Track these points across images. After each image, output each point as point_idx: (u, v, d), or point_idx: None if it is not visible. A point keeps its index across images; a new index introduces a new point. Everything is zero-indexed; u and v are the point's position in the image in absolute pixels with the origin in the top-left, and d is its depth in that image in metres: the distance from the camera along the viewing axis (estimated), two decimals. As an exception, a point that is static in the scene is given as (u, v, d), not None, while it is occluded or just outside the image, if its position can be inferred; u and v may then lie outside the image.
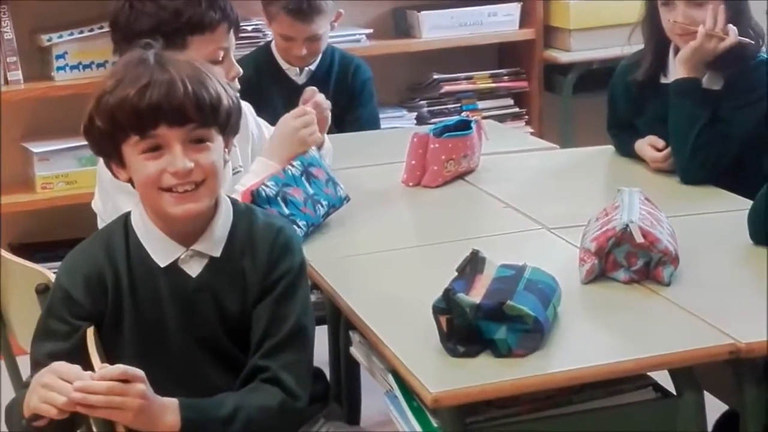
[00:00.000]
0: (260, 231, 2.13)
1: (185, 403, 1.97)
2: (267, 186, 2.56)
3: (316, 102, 2.81)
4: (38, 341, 2.07)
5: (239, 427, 1.99)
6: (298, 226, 2.52)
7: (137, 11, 2.58)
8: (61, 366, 1.90)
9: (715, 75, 2.95)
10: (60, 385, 1.86)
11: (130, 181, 2.07)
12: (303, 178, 2.65)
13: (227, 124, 2.07)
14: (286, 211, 2.54)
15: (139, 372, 1.89)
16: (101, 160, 2.55)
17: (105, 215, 2.53)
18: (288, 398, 2.05)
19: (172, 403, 1.96)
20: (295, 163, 2.66)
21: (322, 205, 2.65)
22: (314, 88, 2.88)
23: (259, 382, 2.05)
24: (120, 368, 1.87)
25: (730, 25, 2.87)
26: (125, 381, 1.87)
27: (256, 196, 2.51)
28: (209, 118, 2.02)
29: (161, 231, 2.09)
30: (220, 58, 2.63)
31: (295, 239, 2.17)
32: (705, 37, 2.86)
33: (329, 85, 3.76)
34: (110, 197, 2.52)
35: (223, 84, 2.08)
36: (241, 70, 2.71)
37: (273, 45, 3.79)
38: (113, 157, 2.07)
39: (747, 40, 2.89)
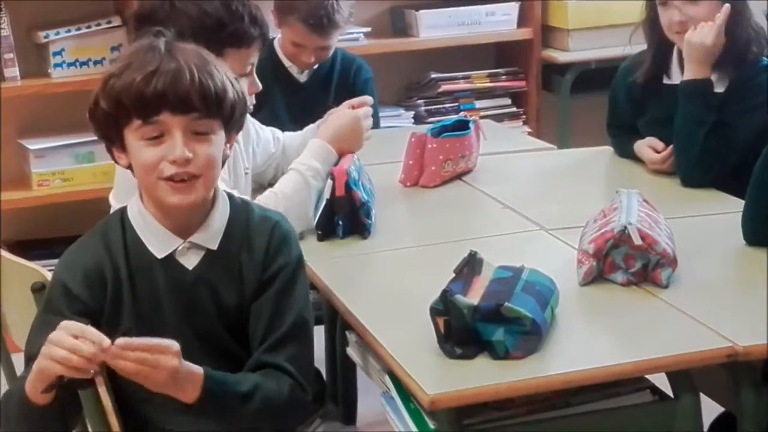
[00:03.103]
0: (256, 225, 2.13)
1: (209, 374, 1.97)
2: (352, 170, 2.60)
3: (366, 112, 2.85)
4: (35, 336, 2.05)
5: (256, 406, 2.00)
6: (368, 218, 2.58)
7: (179, 11, 2.53)
8: (73, 325, 1.88)
9: (718, 77, 2.92)
10: (79, 345, 1.85)
11: (130, 167, 2.07)
12: (360, 183, 2.67)
13: (231, 117, 2.07)
14: (365, 197, 2.59)
15: (174, 342, 1.90)
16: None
17: None
18: (297, 387, 2.05)
19: (197, 372, 1.96)
20: (354, 166, 2.68)
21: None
22: (369, 97, 2.92)
23: (271, 370, 2.05)
24: (153, 340, 1.89)
25: (718, 14, 2.85)
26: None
27: (348, 174, 2.56)
28: (213, 109, 2.02)
29: (159, 222, 2.08)
30: (248, 72, 2.63)
31: (291, 233, 2.16)
32: (694, 28, 2.85)
33: (331, 84, 3.74)
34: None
35: (231, 78, 2.08)
36: (261, 86, 2.69)
37: (277, 42, 3.76)
38: (115, 141, 2.06)
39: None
